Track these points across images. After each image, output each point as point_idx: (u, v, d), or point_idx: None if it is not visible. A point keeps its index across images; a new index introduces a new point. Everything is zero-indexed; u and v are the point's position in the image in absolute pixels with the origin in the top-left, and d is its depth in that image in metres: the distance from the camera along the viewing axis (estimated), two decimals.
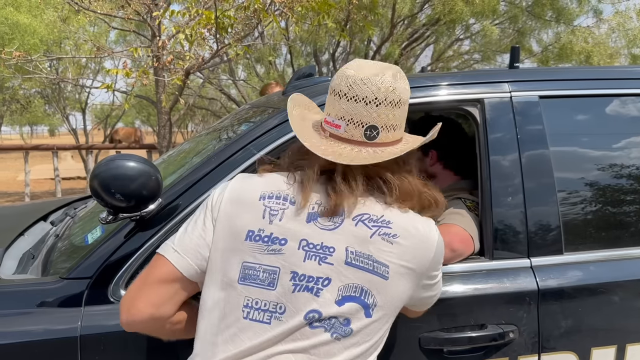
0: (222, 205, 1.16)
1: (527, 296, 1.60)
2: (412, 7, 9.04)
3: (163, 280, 1.14)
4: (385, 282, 1.11)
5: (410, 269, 1.14)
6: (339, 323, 1.09)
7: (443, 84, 1.77)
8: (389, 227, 1.13)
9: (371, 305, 1.10)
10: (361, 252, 1.10)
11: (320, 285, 1.08)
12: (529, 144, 1.70)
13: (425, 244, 1.16)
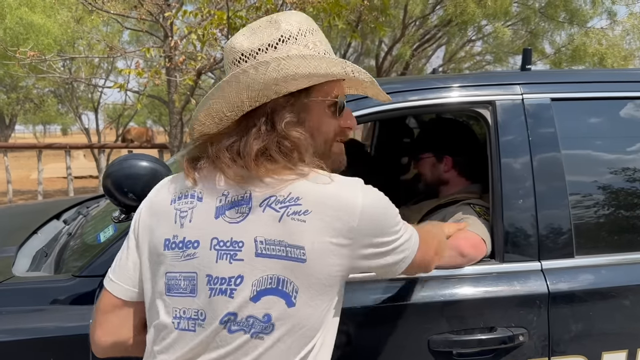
0: (141, 220, 1.14)
1: (537, 299, 1.59)
2: (423, 8, 9.02)
3: (109, 310, 1.16)
4: (303, 265, 1.01)
5: (333, 244, 1.01)
6: (258, 320, 1.01)
7: (454, 86, 1.77)
8: (298, 204, 1.02)
9: (291, 293, 1.01)
10: (271, 239, 1.01)
11: (233, 285, 1.01)
12: (540, 146, 1.70)
13: (346, 213, 1.01)
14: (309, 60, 1.03)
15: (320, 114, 1.11)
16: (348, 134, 1.18)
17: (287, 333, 1.01)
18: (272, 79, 1.01)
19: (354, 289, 1.58)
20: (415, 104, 1.74)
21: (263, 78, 1.01)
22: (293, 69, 1.01)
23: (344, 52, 11.02)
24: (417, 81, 1.88)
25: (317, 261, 1.01)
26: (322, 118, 1.11)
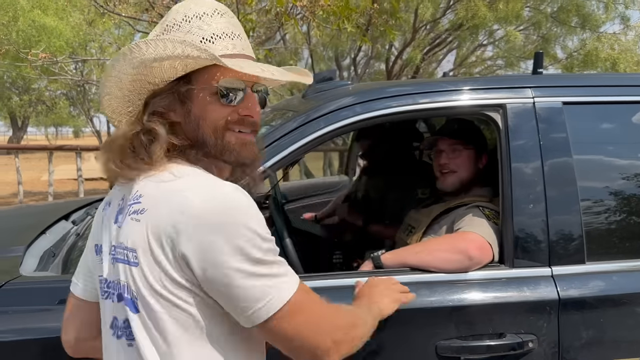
0: (93, 224, 1.19)
1: (547, 305, 1.57)
2: (434, 12, 9.00)
3: (71, 309, 1.20)
4: (136, 268, 0.94)
5: (160, 246, 0.92)
6: (124, 327, 0.99)
7: (464, 89, 1.75)
8: (138, 202, 0.96)
9: (133, 299, 0.95)
10: (118, 243, 0.98)
11: (112, 289, 1.02)
12: (551, 151, 1.67)
13: (178, 213, 0.91)
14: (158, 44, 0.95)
15: (204, 102, 1.02)
16: (248, 123, 1.05)
17: (147, 341, 0.96)
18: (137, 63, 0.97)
19: None
20: (425, 107, 1.73)
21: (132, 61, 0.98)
22: (144, 54, 0.96)
23: (354, 55, 11.03)
24: (427, 84, 1.86)
25: (147, 265, 0.93)
26: (207, 106, 1.02)
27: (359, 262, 1.97)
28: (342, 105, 1.70)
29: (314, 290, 1.05)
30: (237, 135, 1.05)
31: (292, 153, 1.64)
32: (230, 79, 1.02)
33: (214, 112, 1.02)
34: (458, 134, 1.98)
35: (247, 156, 1.06)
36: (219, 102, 1.02)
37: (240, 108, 1.04)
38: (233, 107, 1.03)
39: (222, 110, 1.03)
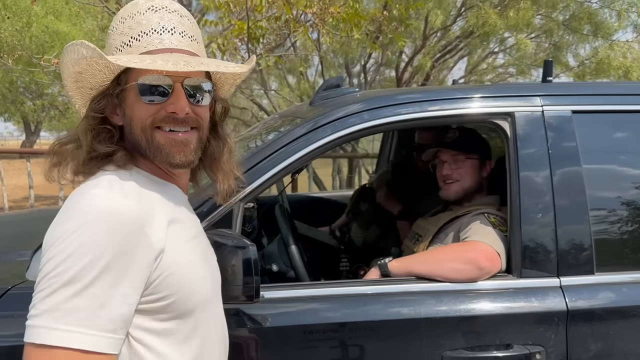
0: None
1: (555, 316, 1.55)
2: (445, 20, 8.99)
3: None
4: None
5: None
6: None
7: (473, 96, 1.74)
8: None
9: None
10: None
11: None
12: (560, 159, 1.66)
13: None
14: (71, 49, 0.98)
15: (131, 102, 1.00)
16: (176, 121, 1.00)
17: None
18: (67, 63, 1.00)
19: (365, 301, 1.56)
20: (433, 114, 1.73)
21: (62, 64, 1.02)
22: (64, 57, 1.00)
23: (364, 62, 11.03)
24: (435, 91, 1.86)
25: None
26: (133, 105, 1.00)
27: (365, 270, 1.96)
28: (349, 112, 1.70)
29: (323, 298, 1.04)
30: (166, 135, 1.00)
31: (299, 159, 1.63)
32: (153, 75, 0.97)
33: (139, 111, 1.00)
34: (459, 145, 1.97)
35: (179, 157, 1.01)
36: (142, 100, 0.99)
37: (167, 105, 0.99)
38: (160, 105, 0.99)
39: (147, 109, 0.99)
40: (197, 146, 1.04)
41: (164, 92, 0.98)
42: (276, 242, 2.11)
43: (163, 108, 0.99)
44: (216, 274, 1.14)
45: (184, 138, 1.01)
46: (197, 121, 1.03)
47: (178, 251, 0.96)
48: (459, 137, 1.98)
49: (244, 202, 1.59)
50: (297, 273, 1.86)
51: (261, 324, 1.48)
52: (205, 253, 1.10)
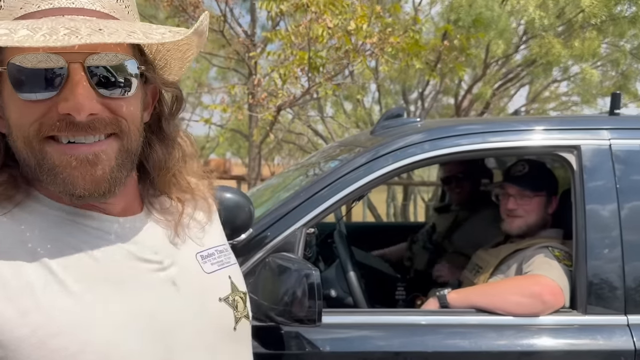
0: None
1: (622, 356, 1.50)
2: (506, 48, 8.89)
3: None
4: None
5: None
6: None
7: (537, 129, 1.74)
8: None
9: None
10: None
11: None
12: (629, 194, 1.62)
13: None
14: None
15: (7, 97, 0.65)
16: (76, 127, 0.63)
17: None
18: None
19: (424, 331, 1.55)
20: (496, 146, 1.73)
21: None
22: None
23: (421, 90, 11.02)
24: (498, 122, 1.86)
25: None
26: (10, 103, 0.65)
27: (422, 300, 1.95)
28: (410, 142, 1.72)
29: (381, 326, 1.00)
30: (63, 149, 0.64)
31: (359, 188, 1.67)
32: (32, 54, 0.61)
33: (18, 112, 0.64)
34: (528, 181, 1.94)
35: (83, 184, 0.65)
36: (17, 96, 0.63)
37: (59, 102, 0.62)
38: (48, 102, 0.63)
39: (29, 110, 0.63)
40: (120, 162, 0.68)
41: (52, 81, 0.62)
42: (334, 267, 2.14)
43: (53, 107, 0.63)
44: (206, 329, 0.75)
45: (90, 153, 0.64)
46: (115, 123, 0.66)
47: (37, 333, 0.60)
48: (527, 173, 1.95)
49: (306, 227, 1.63)
50: (354, 299, 1.88)
51: (319, 348, 1.51)
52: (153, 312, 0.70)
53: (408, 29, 5.03)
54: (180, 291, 0.73)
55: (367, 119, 10.47)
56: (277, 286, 1.38)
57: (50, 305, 0.62)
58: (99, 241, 0.69)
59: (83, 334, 0.62)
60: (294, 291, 1.33)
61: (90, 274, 0.66)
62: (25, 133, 0.64)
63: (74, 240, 0.67)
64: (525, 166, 1.96)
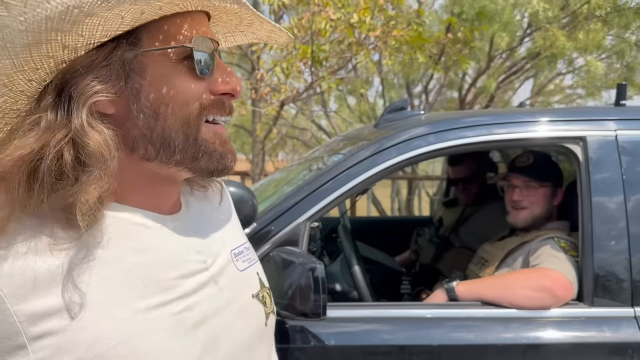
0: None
1: (630, 348, 1.49)
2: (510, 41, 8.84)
3: None
4: None
5: None
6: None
7: (543, 120, 1.72)
8: None
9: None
10: None
11: None
12: (635, 185, 1.60)
13: None
14: None
15: (167, 76, 0.63)
16: (228, 107, 0.69)
17: None
18: (42, 20, 0.53)
19: (429, 325, 1.55)
20: (501, 138, 1.71)
21: (22, 21, 0.52)
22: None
23: (425, 83, 10.98)
24: (503, 114, 1.84)
25: None
26: (172, 81, 0.63)
27: (427, 293, 1.95)
28: (415, 135, 1.71)
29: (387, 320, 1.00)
30: (215, 129, 0.68)
31: (364, 182, 1.66)
32: (201, 36, 0.64)
33: (184, 91, 0.64)
34: (533, 171, 1.93)
35: (231, 159, 0.70)
36: (190, 73, 0.64)
37: (214, 82, 0.66)
38: (206, 81, 0.66)
39: (195, 87, 0.65)
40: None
41: (209, 64, 0.65)
42: (339, 262, 2.14)
43: (208, 87, 0.66)
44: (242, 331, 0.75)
45: (226, 131, 0.70)
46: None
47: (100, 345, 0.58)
48: (533, 163, 1.94)
49: (310, 221, 1.62)
50: (359, 293, 1.87)
51: (324, 342, 1.50)
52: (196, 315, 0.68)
53: (411, 22, 5.00)
54: (222, 290, 0.73)
55: (371, 113, 10.45)
56: (281, 280, 1.37)
57: (110, 315, 0.60)
58: (151, 242, 0.67)
59: (139, 342, 0.61)
60: (298, 285, 1.33)
61: (145, 276, 0.64)
62: (186, 112, 0.64)
63: (130, 244, 0.65)
64: (530, 157, 1.95)
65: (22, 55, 0.55)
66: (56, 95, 0.59)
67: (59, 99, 0.59)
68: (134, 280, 0.62)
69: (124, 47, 0.60)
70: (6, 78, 0.56)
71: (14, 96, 0.59)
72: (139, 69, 0.62)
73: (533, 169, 1.93)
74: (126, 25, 0.59)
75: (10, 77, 0.56)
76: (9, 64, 0.55)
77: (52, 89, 0.59)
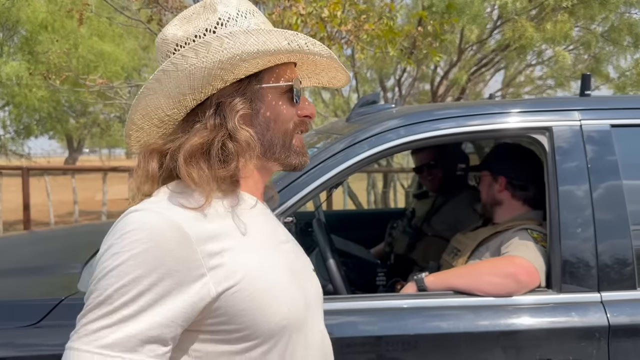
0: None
1: (596, 332, 1.54)
2: (480, 34, 8.94)
3: None
4: None
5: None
6: None
7: (510, 111, 1.76)
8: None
9: None
10: None
11: None
12: (600, 174, 1.65)
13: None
14: (256, 36, 0.87)
15: (276, 103, 0.95)
16: (306, 124, 1.01)
17: None
18: (216, 62, 0.86)
19: (403, 315, 1.57)
20: (470, 130, 1.74)
21: (205, 62, 0.85)
22: (239, 47, 0.85)
23: (398, 77, 11.05)
24: (472, 106, 1.87)
25: None
26: (279, 107, 0.96)
27: (402, 284, 1.97)
28: (387, 128, 1.73)
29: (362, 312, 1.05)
30: (299, 138, 1.01)
31: (337, 175, 1.67)
32: (296, 78, 0.99)
33: (285, 114, 0.96)
34: (504, 167, 2.00)
35: (304, 160, 1.01)
36: (289, 102, 0.97)
37: (300, 108, 0.99)
38: (296, 107, 0.98)
39: (291, 112, 0.97)
40: None
41: (299, 95, 0.99)
42: (314, 255, 2.15)
43: (296, 111, 0.98)
44: (312, 289, 1.02)
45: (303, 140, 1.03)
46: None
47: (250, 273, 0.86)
48: (504, 158, 2.02)
49: (283, 216, 1.63)
50: (334, 286, 1.89)
51: None
52: (291, 266, 0.97)
53: (383, 16, 5.02)
54: (298, 258, 1.02)
55: (345, 107, 10.46)
56: None
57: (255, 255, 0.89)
58: (259, 216, 0.97)
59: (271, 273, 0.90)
60: None
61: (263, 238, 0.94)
62: (287, 127, 0.97)
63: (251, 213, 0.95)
64: (503, 151, 1.99)
65: (198, 84, 0.88)
66: (214, 111, 0.90)
67: (216, 113, 0.90)
68: (265, 234, 0.95)
69: (254, 82, 0.93)
70: (182, 97, 0.90)
71: (180, 109, 0.92)
72: (260, 96, 0.94)
73: (504, 164, 1.99)
74: (258, 69, 0.92)
75: (185, 97, 0.90)
76: (187, 88, 0.88)
77: (212, 105, 0.90)
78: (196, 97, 0.90)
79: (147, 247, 0.79)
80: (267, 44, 0.87)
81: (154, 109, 0.92)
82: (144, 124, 0.95)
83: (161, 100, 0.90)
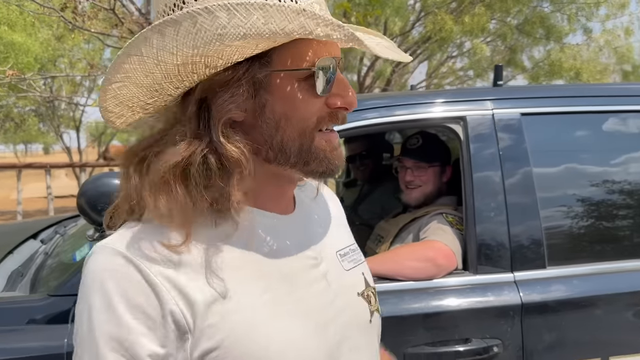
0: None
1: (511, 310, 1.62)
2: (403, 26, 9.16)
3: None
4: None
5: None
6: None
7: (428, 102, 1.81)
8: None
9: None
10: None
11: None
12: (511, 160, 1.74)
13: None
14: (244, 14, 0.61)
15: (290, 93, 0.70)
16: (341, 118, 0.75)
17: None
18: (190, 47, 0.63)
19: None
20: (391, 120, 1.78)
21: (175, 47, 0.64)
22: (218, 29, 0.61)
23: None
24: (397, 97, 1.92)
25: None
26: (294, 99, 0.71)
27: None
28: None
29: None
30: (327, 137, 0.74)
31: None
32: (324, 57, 0.70)
33: (304, 107, 0.71)
34: (421, 154, 2.03)
35: (339, 163, 0.76)
36: (310, 92, 0.71)
37: (332, 96, 0.73)
38: (325, 97, 0.72)
39: (314, 104, 0.71)
40: None
41: (330, 80, 0.71)
42: None
43: (325, 102, 0.73)
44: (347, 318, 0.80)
45: (337, 138, 0.77)
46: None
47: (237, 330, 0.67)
48: (421, 146, 2.04)
49: None
50: None
51: None
52: (311, 304, 0.76)
53: None
54: (330, 286, 0.79)
55: None
56: None
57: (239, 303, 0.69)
58: (271, 240, 0.76)
59: (265, 330, 0.69)
60: None
61: (267, 271, 0.73)
62: (304, 125, 0.71)
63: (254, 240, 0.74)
64: (419, 139, 2.05)
65: (172, 71, 0.67)
66: (197, 107, 0.69)
67: (200, 111, 0.69)
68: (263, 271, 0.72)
69: (257, 67, 0.68)
70: (158, 86, 0.69)
71: (163, 97, 0.71)
72: (267, 85, 0.70)
73: (422, 151, 2.03)
74: (260, 50, 0.67)
75: (162, 85, 0.69)
76: (160, 76, 0.67)
77: (195, 100, 0.69)
78: (179, 86, 0.70)
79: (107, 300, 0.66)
80: (257, 26, 0.61)
81: (128, 97, 0.71)
82: (123, 111, 0.74)
83: (132, 88, 0.70)
